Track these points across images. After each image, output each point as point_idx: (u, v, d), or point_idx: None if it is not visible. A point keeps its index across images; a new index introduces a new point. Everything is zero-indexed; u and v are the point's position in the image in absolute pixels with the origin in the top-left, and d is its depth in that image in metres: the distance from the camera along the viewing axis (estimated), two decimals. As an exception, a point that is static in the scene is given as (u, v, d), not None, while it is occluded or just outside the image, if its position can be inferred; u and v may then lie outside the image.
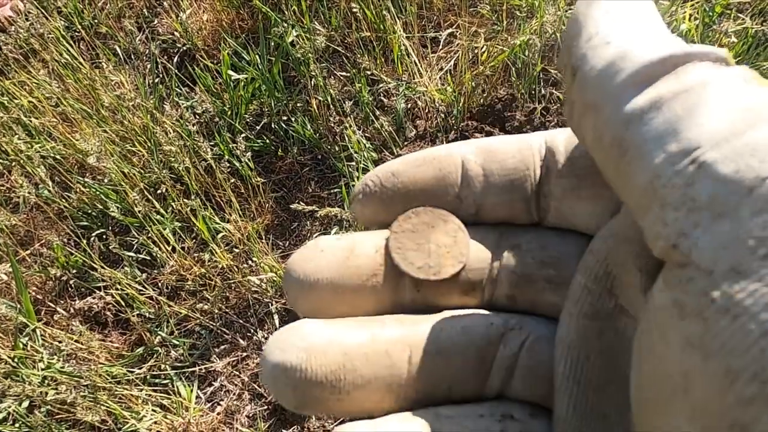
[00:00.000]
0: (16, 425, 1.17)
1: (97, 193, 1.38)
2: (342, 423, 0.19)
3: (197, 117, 1.42)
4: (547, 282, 0.21)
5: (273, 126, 1.49)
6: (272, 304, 1.29)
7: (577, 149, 0.21)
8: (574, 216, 0.21)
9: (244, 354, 1.26)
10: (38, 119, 1.47)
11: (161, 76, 1.58)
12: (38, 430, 1.14)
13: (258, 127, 1.49)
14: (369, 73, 1.48)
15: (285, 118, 1.48)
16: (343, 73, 1.51)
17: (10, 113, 1.47)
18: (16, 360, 1.19)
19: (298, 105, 1.49)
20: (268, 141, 1.48)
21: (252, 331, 1.28)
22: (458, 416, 0.19)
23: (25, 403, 1.15)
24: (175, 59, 1.59)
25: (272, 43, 1.54)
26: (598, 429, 0.19)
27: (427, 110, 1.46)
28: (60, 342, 1.19)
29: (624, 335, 0.19)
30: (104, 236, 1.40)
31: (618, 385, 0.18)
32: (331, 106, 1.44)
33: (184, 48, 1.62)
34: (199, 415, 1.19)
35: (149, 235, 1.30)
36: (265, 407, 1.19)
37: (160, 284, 1.34)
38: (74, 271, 1.36)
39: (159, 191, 1.35)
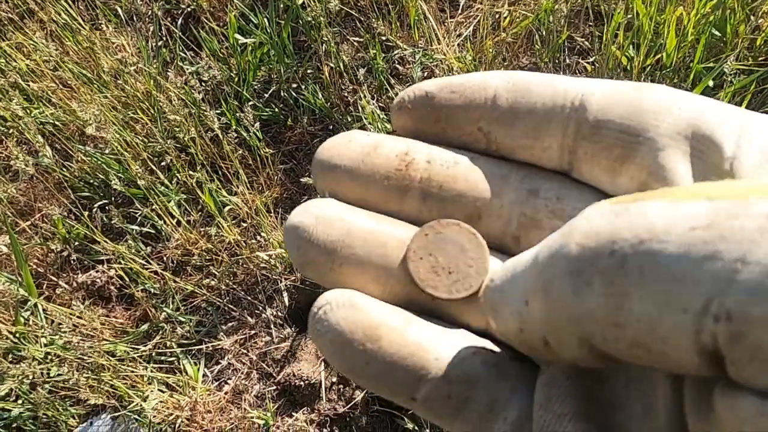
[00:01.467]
0: (19, 401, 1.14)
1: (99, 162, 1.32)
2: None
3: (203, 84, 1.35)
4: (552, 232, 0.20)
5: (282, 94, 1.42)
6: (281, 281, 1.24)
7: (607, 112, 0.20)
8: (593, 178, 0.21)
9: (252, 332, 1.22)
10: (36, 84, 1.40)
11: (164, 39, 1.50)
12: (41, 407, 1.11)
13: (266, 95, 1.42)
14: (384, 38, 1.40)
15: (295, 85, 1.41)
16: (357, 39, 1.43)
17: (7, 77, 1.40)
18: (17, 335, 1.15)
19: (309, 72, 1.41)
20: (276, 110, 1.41)
21: (260, 308, 1.24)
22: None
23: (28, 379, 1.11)
24: (179, 21, 1.51)
25: (281, 5, 1.45)
26: None
27: (444, 79, 1.38)
28: (62, 317, 1.15)
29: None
30: (106, 208, 1.34)
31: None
32: (344, 74, 1.36)
33: (189, 9, 1.54)
34: (206, 394, 1.16)
35: (153, 207, 1.25)
36: (274, 387, 1.16)
37: (165, 259, 1.29)
38: (76, 243, 1.31)
39: (163, 162, 1.29)
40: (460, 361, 0.20)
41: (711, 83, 1.22)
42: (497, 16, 1.40)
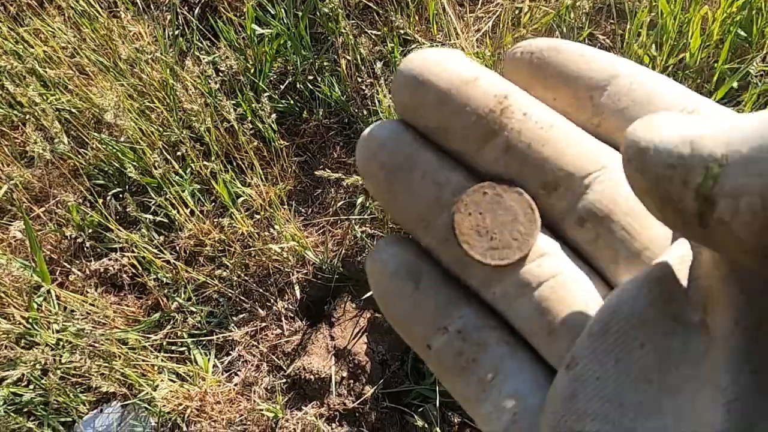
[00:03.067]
0: (31, 387, 1.15)
1: (114, 150, 1.32)
2: None
3: (219, 74, 1.34)
4: (622, 230, 0.20)
5: (298, 86, 1.41)
6: (293, 274, 1.24)
7: None
8: None
9: (263, 324, 1.22)
10: (53, 70, 1.40)
11: (181, 28, 1.50)
12: (53, 392, 1.12)
13: (282, 87, 1.41)
14: (402, 32, 1.38)
15: (311, 77, 1.40)
16: (375, 32, 1.41)
17: (25, 63, 1.40)
18: (30, 321, 1.16)
19: (326, 64, 1.40)
20: (292, 102, 1.40)
21: (272, 300, 1.23)
22: None
23: (40, 364, 1.12)
24: (196, 10, 1.50)
25: (299, -3, 1.44)
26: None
27: (462, 74, 1.37)
28: (75, 304, 1.15)
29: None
30: (121, 196, 1.35)
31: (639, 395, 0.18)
32: (361, 67, 1.35)
33: (206, -1, 1.53)
34: (216, 385, 1.16)
35: (167, 196, 1.25)
36: (284, 380, 1.16)
37: (177, 248, 1.29)
38: (90, 231, 1.31)
39: (178, 152, 1.29)
40: (480, 327, 0.21)
41: (735, 84, 1.19)
42: (517, 11, 1.38)
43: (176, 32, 1.48)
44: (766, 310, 0.16)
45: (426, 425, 1.04)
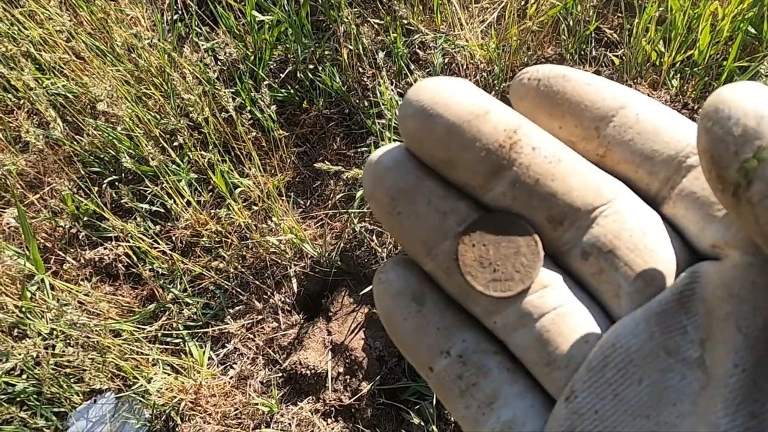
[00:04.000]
0: (24, 376, 1.14)
1: (110, 138, 1.29)
2: None
3: (218, 62, 1.31)
4: (625, 267, 0.20)
5: (298, 75, 1.38)
6: (291, 267, 1.22)
7: None
8: (681, 221, 0.20)
9: (260, 317, 1.21)
10: (49, 54, 1.37)
11: (180, 12, 1.47)
12: (46, 383, 1.11)
13: (282, 76, 1.38)
14: (405, 22, 1.36)
15: (312, 66, 1.37)
16: (377, 21, 1.39)
17: (20, 45, 1.37)
18: (23, 310, 1.14)
19: (327, 53, 1.37)
20: (292, 91, 1.37)
21: (268, 293, 1.22)
22: None
23: (33, 354, 1.10)
24: (196, -5, 1.47)
25: (301, -17, 1.41)
26: None
27: (466, 66, 1.34)
28: (69, 295, 1.14)
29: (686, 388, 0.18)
30: (116, 184, 1.32)
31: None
32: (363, 57, 1.32)
33: (206, -17, 1.50)
34: (211, 378, 1.15)
35: (163, 186, 1.22)
36: (280, 374, 1.14)
37: (173, 239, 1.28)
38: (85, 219, 1.30)
39: (175, 141, 1.26)
40: (481, 352, 0.21)
41: (744, 83, 1.17)
42: (523, 3, 1.35)
43: (175, 17, 1.45)
44: (764, 354, 0.17)
45: (422, 422, 1.03)
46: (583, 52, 1.32)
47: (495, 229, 0.21)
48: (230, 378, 1.16)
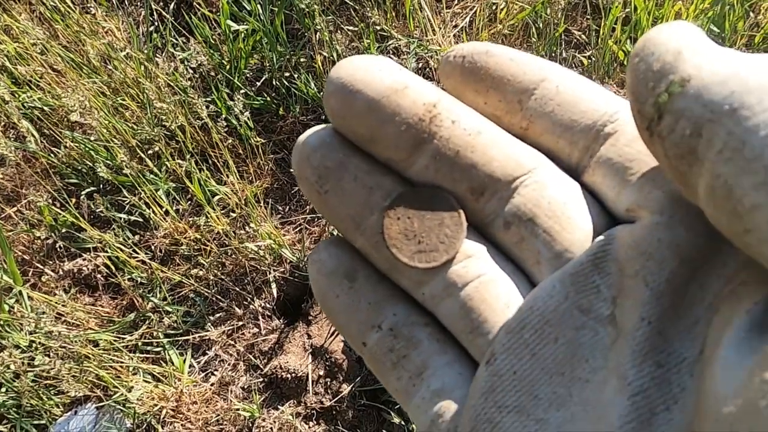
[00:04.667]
0: (2, 390, 1.13)
1: (86, 149, 1.30)
2: None
3: (192, 71, 1.32)
4: (545, 234, 0.21)
5: (274, 83, 1.39)
6: (270, 272, 1.23)
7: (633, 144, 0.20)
8: (598, 188, 0.21)
9: (240, 323, 1.21)
10: (24, 67, 1.37)
11: (156, 24, 1.48)
12: (25, 395, 1.10)
13: (258, 84, 1.40)
14: (378, 28, 1.38)
15: (287, 74, 1.39)
16: (351, 28, 1.41)
17: (-6, 60, 1.37)
18: (1, 323, 1.14)
19: (302, 61, 1.39)
20: (268, 99, 1.39)
21: (249, 299, 1.23)
22: None
23: (12, 367, 1.10)
24: (171, 6, 1.48)
25: (275, -8, 1.43)
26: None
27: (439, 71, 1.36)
28: (47, 307, 1.14)
29: (598, 343, 0.18)
30: (94, 195, 1.33)
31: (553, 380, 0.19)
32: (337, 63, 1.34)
33: (181, -6, 1.51)
34: (192, 385, 1.15)
35: (141, 196, 1.23)
36: (261, 379, 1.15)
37: (152, 248, 1.28)
38: (62, 231, 1.30)
39: (151, 150, 1.27)
40: (411, 324, 0.21)
41: (708, 80, 1.20)
42: (494, 7, 1.38)
43: (150, 28, 1.46)
44: (669, 306, 0.17)
45: (402, 422, 1.04)
46: (553, 54, 1.35)
47: (419, 202, 0.21)
48: (211, 385, 1.16)
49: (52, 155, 1.32)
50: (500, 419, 0.19)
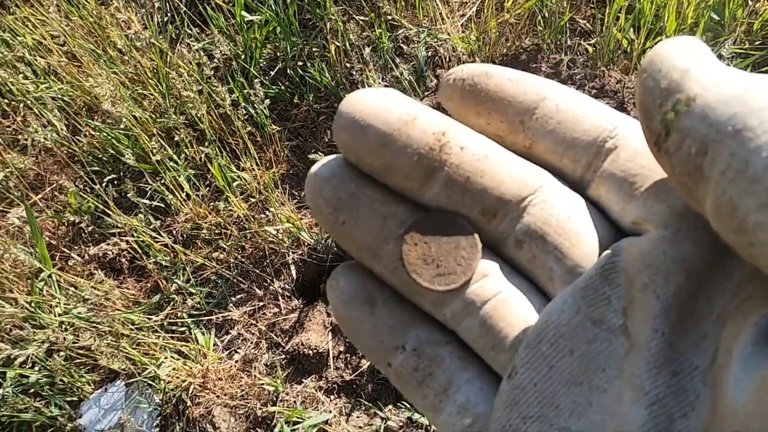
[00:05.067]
0: (36, 368, 1.18)
1: (109, 137, 1.34)
2: None
3: (213, 60, 1.36)
4: (555, 249, 0.21)
5: (288, 71, 1.44)
6: (288, 255, 1.28)
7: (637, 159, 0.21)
8: (604, 201, 0.21)
9: (261, 303, 1.26)
10: (44, 58, 1.41)
11: (170, 15, 1.51)
12: (58, 373, 1.15)
13: (272, 73, 1.44)
14: (389, 17, 1.42)
15: (301, 63, 1.43)
16: (362, 17, 1.45)
17: (14, 51, 1.41)
18: (33, 305, 1.19)
19: (315, 50, 1.43)
20: (283, 87, 1.43)
21: (268, 281, 1.28)
22: None
23: (45, 346, 1.15)
24: (185, -3, 1.52)
25: (288, -17, 1.47)
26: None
27: (448, 59, 1.41)
28: (76, 288, 1.19)
29: (612, 353, 0.19)
30: (116, 182, 1.37)
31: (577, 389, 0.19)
32: (350, 52, 1.38)
33: (194, -15, 1.55)
34: (218, 362, 1.20)
35: (163, 181, 1.27)
36: (283, 356, 1.20)
37: (174, 232, 1.33)
38: (87, 216, 1.34)
39: (173, 137, 1.31)
40: (434, 343, 0.23)
41: (708, 66, 1.25)
42: (501, -4, 1.42)
43: (165, 19, 1.50)
44: (677, 320, 0.18)
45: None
46: (558, 42, 1.39)
47: (434, 227, 0.22)
48: (236, 362, 1.21)
49: (73, 144, 1.36)
50: (525, 429, 0.20)
